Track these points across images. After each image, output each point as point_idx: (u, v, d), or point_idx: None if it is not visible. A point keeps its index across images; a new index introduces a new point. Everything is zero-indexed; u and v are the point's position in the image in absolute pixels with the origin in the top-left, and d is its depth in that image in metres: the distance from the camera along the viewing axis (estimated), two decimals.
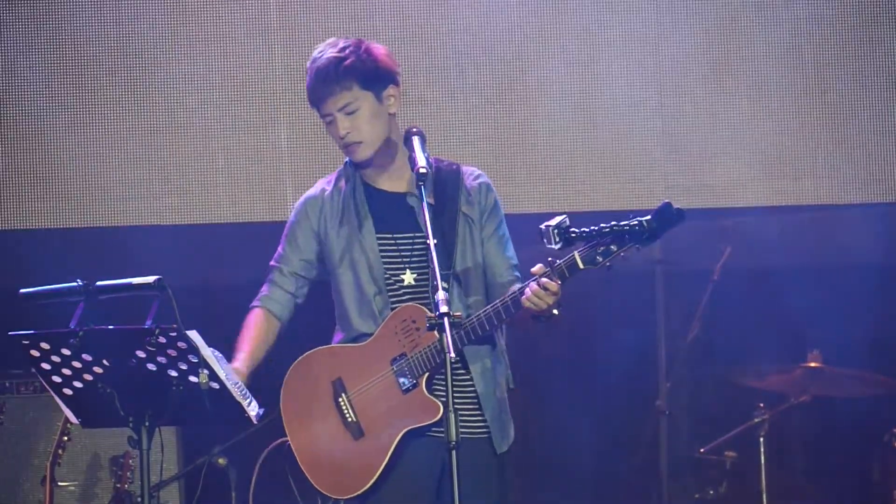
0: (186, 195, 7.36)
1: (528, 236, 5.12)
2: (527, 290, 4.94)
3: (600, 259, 4.89)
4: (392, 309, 5.14)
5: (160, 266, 4.99)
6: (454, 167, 5.27)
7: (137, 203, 7.42)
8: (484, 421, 5.15)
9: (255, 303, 5.31)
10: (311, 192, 5.33)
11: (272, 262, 5.32)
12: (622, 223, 4.85)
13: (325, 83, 5.13)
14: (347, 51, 5.14)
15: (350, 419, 5.12)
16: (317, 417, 5.14)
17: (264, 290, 5.31)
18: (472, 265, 5.20)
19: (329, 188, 5.29)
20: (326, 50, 5.17)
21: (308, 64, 5.20)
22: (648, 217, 4.84)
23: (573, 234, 4.84)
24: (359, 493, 5.07)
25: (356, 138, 5.14)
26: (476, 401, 5.14)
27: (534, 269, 4.95)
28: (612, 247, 4.88)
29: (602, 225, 4.85)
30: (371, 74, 5.15)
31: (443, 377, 4.92)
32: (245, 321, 5.28)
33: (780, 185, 7.48)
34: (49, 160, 7.37)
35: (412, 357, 5.08)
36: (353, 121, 5.13)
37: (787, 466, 7.81)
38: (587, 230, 4.85)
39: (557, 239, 4.83)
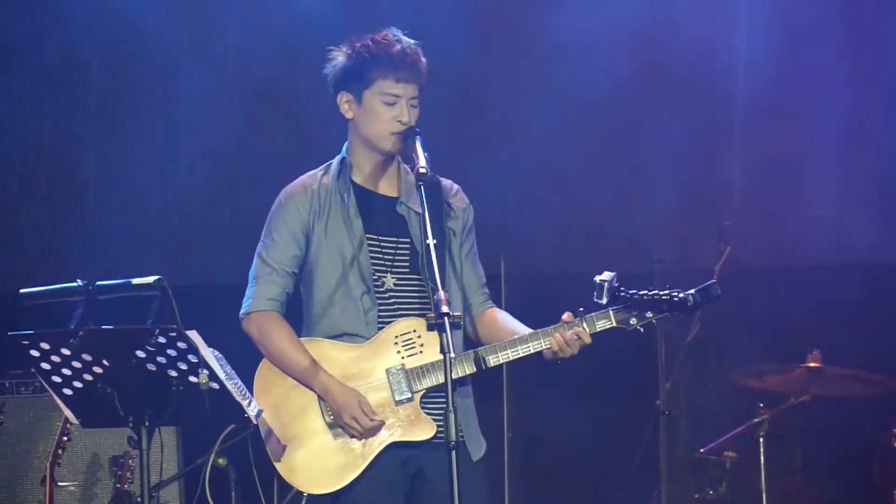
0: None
1: None
2: (556, 334, 4.97)
3: (634, 322, 5.00)
4: (378, 309, 5.10)
5: (159, 265, 5.00)
6: (434, 179, 5.22)
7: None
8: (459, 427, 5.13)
9: (262, 306, 5.15)
10: (295, 186, 5.22)
11: (264, 259, 5.17)
12: (670, 294, 4.95)
13: (414, 69, 5.11)
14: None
15: (330, 418, 5.07)
16: (295, 410, 5.09)
17: (267, 290, 5.16)
18: (455, 278, 5.20)
19: (315, 184, 5.21)
20: (402, 36, 5.13)
21: (381, 36, 5.12)
22: (693, 292, 4.95)
23: (620, 294, 4.94)
24: (330, 491, 5.03)
25: None
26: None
27: (564, 317, 5.00)
28: (647, 313, 4.98)
29: (654, 291, 4.94)
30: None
31: (436, 394, 4.95)
32: (272, 330, 5.13)
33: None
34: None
35: (412, 370, 5.06)
36: (414, 114, 5.12)
37: (787, 466, 7.81)
38: (634, 293, 4.95)
39: (607, 296, 4.93)
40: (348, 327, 5.11)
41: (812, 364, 7.27)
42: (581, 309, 4.96)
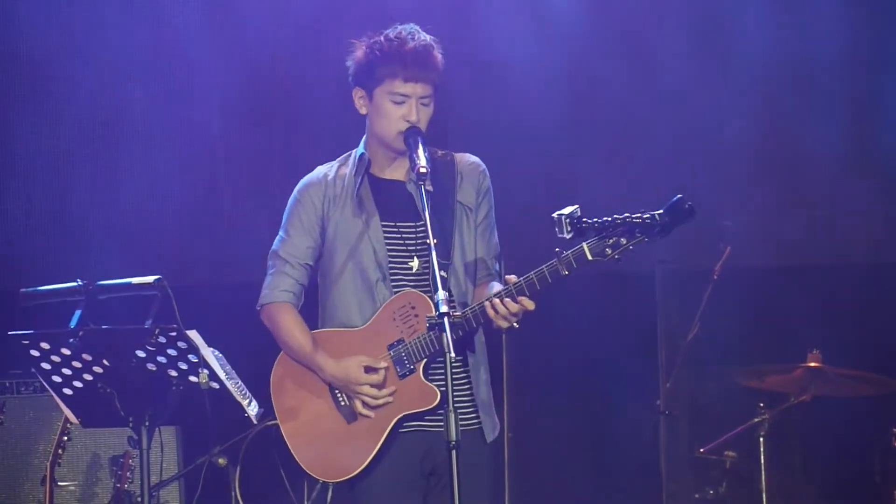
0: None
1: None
2: (486, 303, 4.94)
3: (609, 251, 4.86)
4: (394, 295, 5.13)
5: (158, 265, 5.00)
6: (449, 157, 5.25)
7: None
8: (476, 413, 5.15)
9: (276, 296, 5.19)
10: (313, 177, 5.26)
11: (278, 252, 5.20)
12: (634, 216, 4.81)
13: (425, 68, 5.08)
14: (437, 45, 5.13)
15: (343, 403, 5.11)
16: (309, 400, 5.13)
17: (280, 282, 5.19)
18: (469, 256, 5.20)
19: (331, 173, 5.24)
20: (417, 33, 5.11)
21: (395, 33, 5.10)
22: (660, 211, 4.81)
23: (584, 225, 4.80)
24: (349, 476, 5.07)
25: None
26: (469, 394, 5.15)
27: (508, 278, 4.97)
28: (621, 239, 4.84)
29: (615, 217, 4.81)
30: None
31: (440, 364, 4.91)
32: (281, 319, 5.16)
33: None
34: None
35: (410, 343, 5.08)
36: (425, 113, 5.12)
37: (787, 466, 7.80)
38: (598, 221, 4.81)
39: (569, 228, 4.79)
40: (364, 313, 5.14)
41: (812, 364, 7.27)
42: (557, 249, 4.89)
